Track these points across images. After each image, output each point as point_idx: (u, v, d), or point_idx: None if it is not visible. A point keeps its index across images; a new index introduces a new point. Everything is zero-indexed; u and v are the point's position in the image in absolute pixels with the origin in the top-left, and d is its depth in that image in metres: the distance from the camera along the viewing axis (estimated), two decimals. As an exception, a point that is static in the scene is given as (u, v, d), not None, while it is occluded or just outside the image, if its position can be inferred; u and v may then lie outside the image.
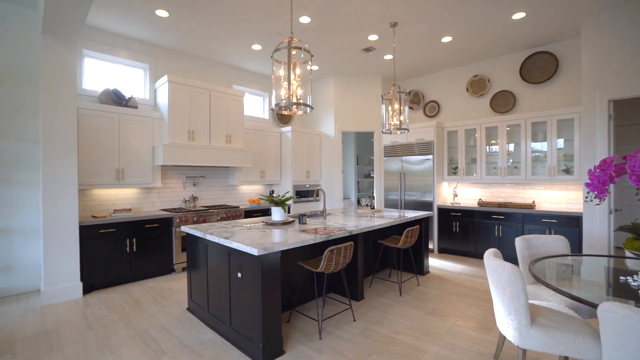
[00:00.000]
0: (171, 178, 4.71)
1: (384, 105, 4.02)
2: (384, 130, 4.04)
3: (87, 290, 3.57)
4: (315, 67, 5.57)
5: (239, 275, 2.33)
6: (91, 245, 3.58)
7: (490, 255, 1.97)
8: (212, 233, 2.64)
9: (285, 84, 2.59)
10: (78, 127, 3.66)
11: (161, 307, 3.21)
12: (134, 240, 3.87)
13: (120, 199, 4.25)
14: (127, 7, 3.60)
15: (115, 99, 4.09)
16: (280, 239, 2.42)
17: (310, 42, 4.52)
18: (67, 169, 3.36)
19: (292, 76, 2.58)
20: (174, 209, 4.56)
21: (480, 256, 4.86)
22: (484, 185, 5.26)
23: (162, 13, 3.73)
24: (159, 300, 3.36)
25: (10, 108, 3.52)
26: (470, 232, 4.91)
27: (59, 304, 3.29)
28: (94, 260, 3.60)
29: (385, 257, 4.30)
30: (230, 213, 4.74)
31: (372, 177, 6.90)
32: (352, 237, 3.20)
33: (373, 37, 4.43)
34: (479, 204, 4.95)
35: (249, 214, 5.02)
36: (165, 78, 4.23)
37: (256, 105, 6.12)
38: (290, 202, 5.51)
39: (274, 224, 3.08)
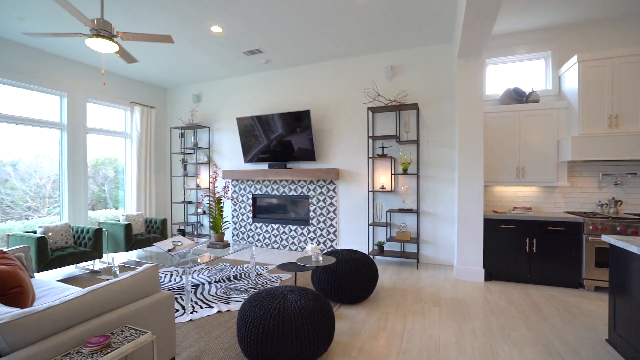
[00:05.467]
0: (580, 176, 3.98)
1: None
2: None
3: (486, 277, 3.89)
4: None
5: None
6: (492, 237, 3.85)
7: None
8: (658, 250, 1.87)
9: None
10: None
11: (567, 323, 2.78)
12: (534, 240, 3.68)
13: (520, 196, 4.22)
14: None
15: (516, 97, 4.11)
16: None
17: None
18: (475, 168, 3.85)
19: None
20: (585, 212, 3.81)
21: None
22: None
23: (572, -16, 3.23)
24: (563, 315, 2.95)
25: (435, 122, 4.62)
26: None
27: (466, 281, 3.86)
28: (494, 252, 3.85)
29: None
30: (682, 228, 3.18)
31: None
32: None
33: None
34: None
35: None
36: (573, 59, 3.64)
37: None
38: None
39: None
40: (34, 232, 3.93)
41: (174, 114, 6.77)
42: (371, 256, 4.65)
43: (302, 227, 5.45)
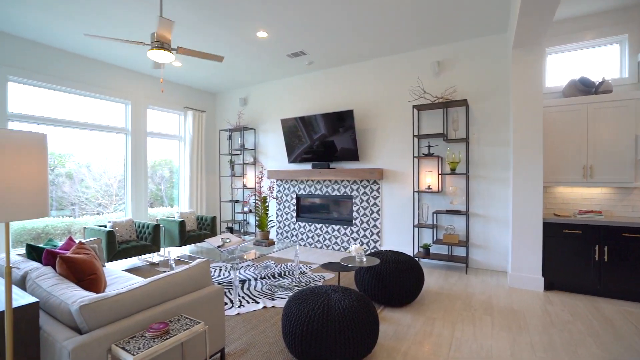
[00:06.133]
0: (663, 176, 3.48)
1: None
2: None
3: (546, 287, 3.56)
4: None
5: None
6: (553, 243, 3.52)
7: None
8: None
9: None
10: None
11: (648, 343, 2.45)
12: (605, 248, 3.29)
13: (587, 198, 3.80)
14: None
15: (582, 87, 3.71)
16: None
17: None
18: (533, 167, 3.55)
19: None
20: (668, 218, 3.33)
21: None
22: None
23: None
24: (643, 333, 2.60)
25: (486, 119, 4.34)
26: None
27: (521, 289, 3.57)
28: (555, 260, 3.51)
29: None
30: None
31: None
32: None
33: None
34: None
35: None
36: (656, 43, 3.19)
37: None
38: None
39: None
40: (104, 226, 4.38)
41: (223, 117, 7.14)
42: (416, 258, 4.50)
43: (345, 227, 5.43)
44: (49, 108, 4.68)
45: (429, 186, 4.60)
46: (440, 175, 4.60)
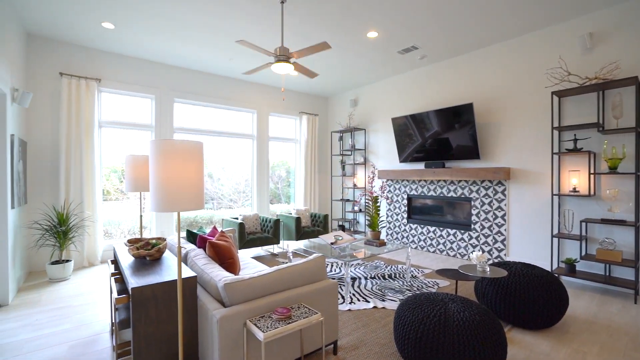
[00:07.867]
0: None
1: None
2: None
3: None
4: None
5: None
6: None
7: None
8: None
9: None
10: None
11: None
12: None
13: None
14: None
15: None
16: None
17: None
18: None
19: None
20: None
21: None
22: None
23: None
24: None
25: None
26: None
27: None
28: None
29: None
30: None
31: None
32: None
33: None
34: None
35: None
36: None
37: None
38: None
39: None
40: (236, 218, 5.16)
41: (334, 119, 7.47)
42: (556, 275, 3.74)
43: (462, 231, 4.95)
44: (198, 120, 5.80)
45: (574, 188, 3.76)
46: (592, 176, 3.70)
